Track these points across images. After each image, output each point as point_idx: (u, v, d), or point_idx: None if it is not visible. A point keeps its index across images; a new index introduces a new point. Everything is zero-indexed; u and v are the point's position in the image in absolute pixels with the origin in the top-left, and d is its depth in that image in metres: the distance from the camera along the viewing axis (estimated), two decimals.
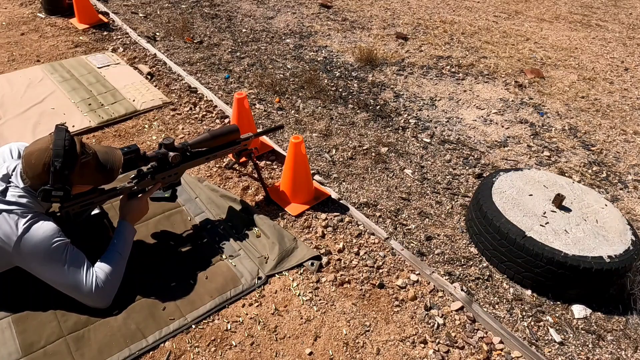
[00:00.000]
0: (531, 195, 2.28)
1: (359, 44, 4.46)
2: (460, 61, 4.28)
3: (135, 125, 2.99)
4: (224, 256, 2.07)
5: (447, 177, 2.81)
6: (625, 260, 1.96)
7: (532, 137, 3.27)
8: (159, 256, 2.04)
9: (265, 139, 2.86)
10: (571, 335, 1.92)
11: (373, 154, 2.92)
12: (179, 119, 3.08)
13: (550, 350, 1.85)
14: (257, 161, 2.59)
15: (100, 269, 1.75)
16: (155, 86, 3.41)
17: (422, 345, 1.81)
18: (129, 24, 4.39)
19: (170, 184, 2.09)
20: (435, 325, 1.89)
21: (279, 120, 3.19)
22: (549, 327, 1.93)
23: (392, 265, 2.14)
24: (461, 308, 1.95)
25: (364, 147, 2.98)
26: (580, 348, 1.87)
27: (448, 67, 4.17)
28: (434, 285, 2.04)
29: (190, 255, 2.07)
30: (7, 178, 1.66)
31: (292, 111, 3.31)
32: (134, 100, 3.18)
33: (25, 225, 1.60)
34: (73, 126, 2.87)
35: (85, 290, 1.70)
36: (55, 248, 1.64)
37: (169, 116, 3.10)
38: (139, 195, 1.95)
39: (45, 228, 1.63)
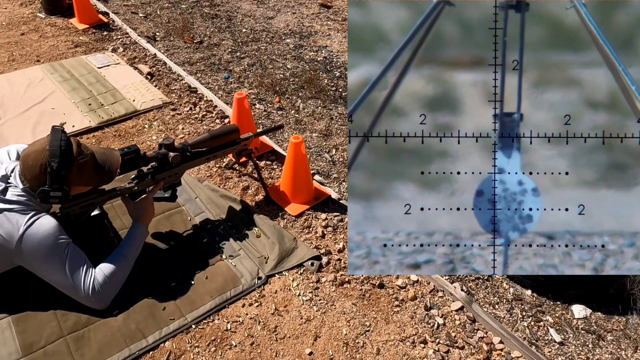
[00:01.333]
0: None
1: None
2: None
3: (135, 125, 2.99)
4: (224, 256, 2.07)
5: None
6: None
7: None
8: (159, 256, 2.05)
9: (265, 139, 2.86)
10: (571, 335, 1.92)
11: None
12: (179, 119, 3.08)
13: (550, 350, 1.85)
14: (257, 161, 2.59)
15: (101, 270, 1.75)
16: (155, 86, 3.41)
17: (422, 345, 1.81)
18: (129, 24, 4.39)
19: (171, 184, 2.09)
20: (435, 325, 1.89)
21: (279, 120, 3.19)
22: (549, 327, 1.93)
23: None
24: (461, 308, 1.95)
25: None
26: (580, 348, 1.87)
27: None
28: (434, 285, 2.04)
29: (190, 255, 2.07)
30: (6, 179, 1.67)
31: (292, 111, 3.31)
32: (134, 100, 3.18)
33: (28, 222, 1.60)
34: (73, 126, 2.87)
35: (81, 292, 1.70)
36: (57, 245, 1.64)
37: (169, 116, 3.10)
38: (144, 196, 1.95)
39: (48, 225, 1.64)
